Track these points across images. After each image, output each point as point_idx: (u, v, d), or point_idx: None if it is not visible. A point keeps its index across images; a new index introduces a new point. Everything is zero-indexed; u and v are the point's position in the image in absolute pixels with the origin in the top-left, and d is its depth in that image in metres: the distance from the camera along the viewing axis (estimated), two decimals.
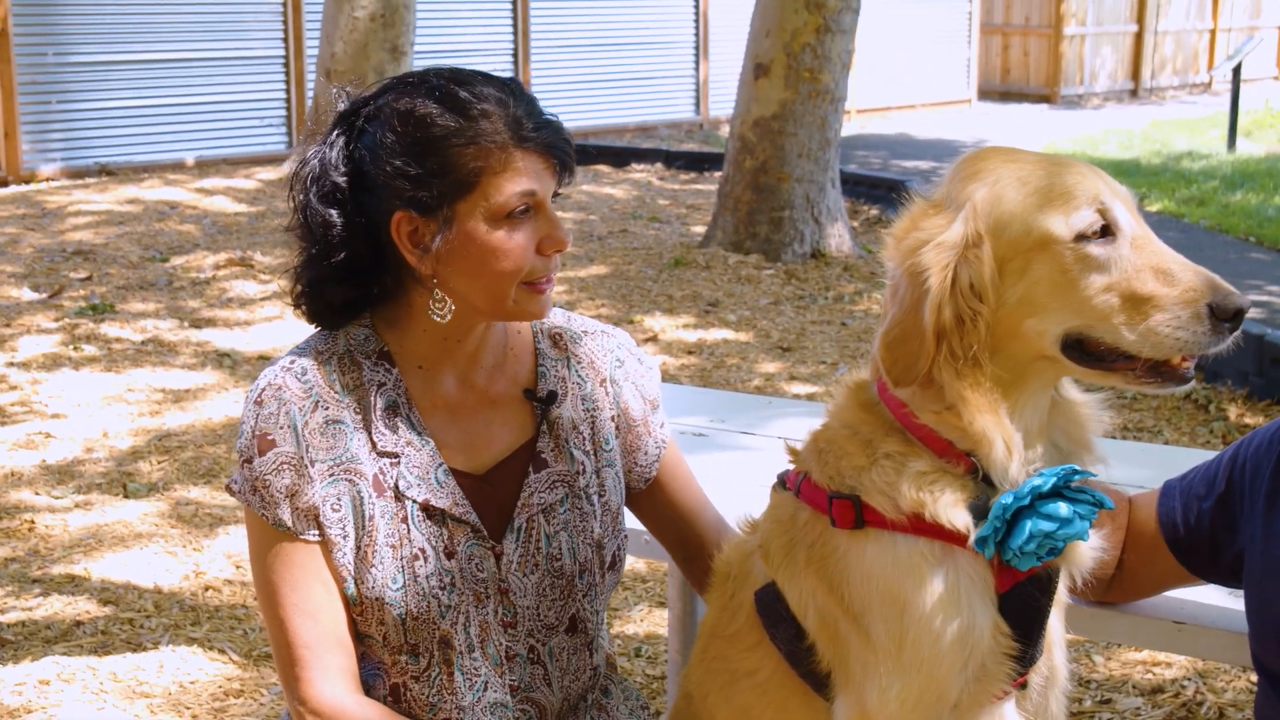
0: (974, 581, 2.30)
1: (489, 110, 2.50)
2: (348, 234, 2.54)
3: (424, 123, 2.49)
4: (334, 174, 2.55)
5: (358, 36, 12.77)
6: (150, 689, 4.89)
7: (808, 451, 2.48)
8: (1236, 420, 7.81)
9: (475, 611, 2.61)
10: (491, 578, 2.62)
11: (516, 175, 2.49)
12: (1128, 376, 2.28)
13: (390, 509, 2.56)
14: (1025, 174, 2.28)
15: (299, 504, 2.52)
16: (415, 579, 2.55)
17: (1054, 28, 27.15)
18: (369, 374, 2.59)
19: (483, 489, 2.64)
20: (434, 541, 2.58)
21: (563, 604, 2.69)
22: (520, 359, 2.75)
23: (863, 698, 2.32)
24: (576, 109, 20.44)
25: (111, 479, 6.89)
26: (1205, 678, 4.97)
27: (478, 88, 2.53)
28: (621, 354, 2.84)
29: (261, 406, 2.54)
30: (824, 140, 11.92)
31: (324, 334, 2.64)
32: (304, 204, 2.58)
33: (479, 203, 2.48)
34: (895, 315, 2.29)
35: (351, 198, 2.54)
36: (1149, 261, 2.23)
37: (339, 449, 2.54)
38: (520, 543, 2.64)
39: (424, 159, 2.48)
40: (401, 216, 2.50)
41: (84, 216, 13.27)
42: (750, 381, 8.62)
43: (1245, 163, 17.70)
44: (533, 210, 2.53)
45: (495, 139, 2.48)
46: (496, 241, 2.49)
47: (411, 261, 2.53)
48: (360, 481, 2.55)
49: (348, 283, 2.58)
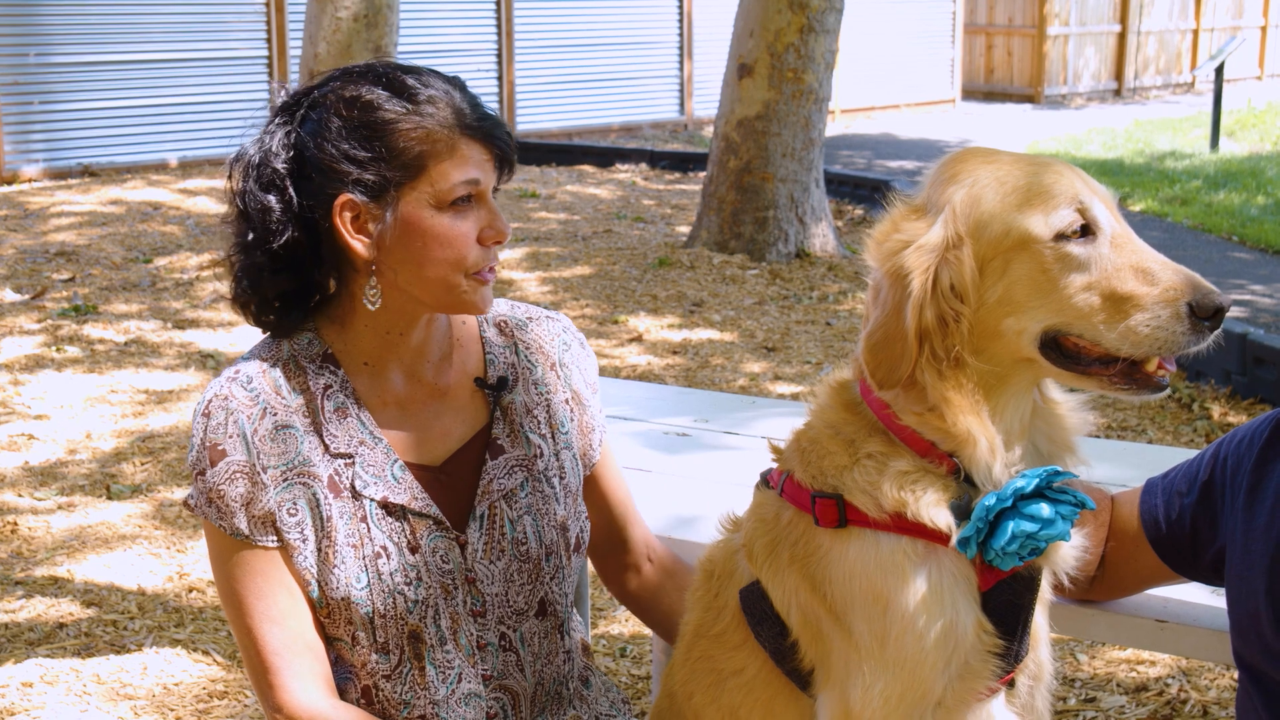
0: (957, 580, 2.31)
1: (435, 97, 2.53)
2: (286, 219, 2.54)
3: (370, 107, 2.51)
4: (274, 160, 2.55)
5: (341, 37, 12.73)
6: (134, 691, 4.89)
7: (791, 451, 2.49)
8: (1220, 419, 7.83)
9: (444, 604, 2.61)
10: (458, 568, 2.63)
11: (462, 162, 2.51)
12: (1103, 381, 2.29)
13: (349, 509, 2.57)
14: (1004, 175, 2.29)
15: (255, 511, 2.52)
16: (379, 577, 2.56)
17: (1037, 28, 27.21)
18: (314, 377, 2.60)
19: (441, 481, 2.66)
20: (395, 538, 2.59)
21: (531, 588, 2.69)
22: (467, 349, 2.76)
23: (846, 696, 2.33)
24: (561, 109, 20.46)
25: (95, 480, 6.88)
26: (1189, 676, 4.99)
27: (424, 77, 2.57)
28: (568, 338, 2.87)
29: (209, 418, 2.54)
30: (808, 140, 11.93)
31: (268, 342, 2.65)
32: (242, 191, 2.59)
33: (424, 188, 2.50)
34: (878, 318, 2.29)
35: (292, 183, 2.55)
36: (1129, 260, 2.23)
37: (290, 453, 2.55)
38: (484, 530, 2.65)
39: (370, 142, 2.50)
40: (345, 200, 2.51)
41: (67, 218, 13.25)
42: (735, 381, 8.62)
43: (1228, 162, 17.77)
44: (475, 200, 2.55)
45: (441, 125, 2.51)
46: (442, 228, 2.51)
47: (354, 248, 2.53)
48: (315, 484, 2.55)
49: (285, 273, 2.58)
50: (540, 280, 11.22)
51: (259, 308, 2.63)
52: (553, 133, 20.27)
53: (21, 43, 15.58)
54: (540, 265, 11.73)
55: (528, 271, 11.52)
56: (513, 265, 11.70)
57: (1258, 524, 2.50)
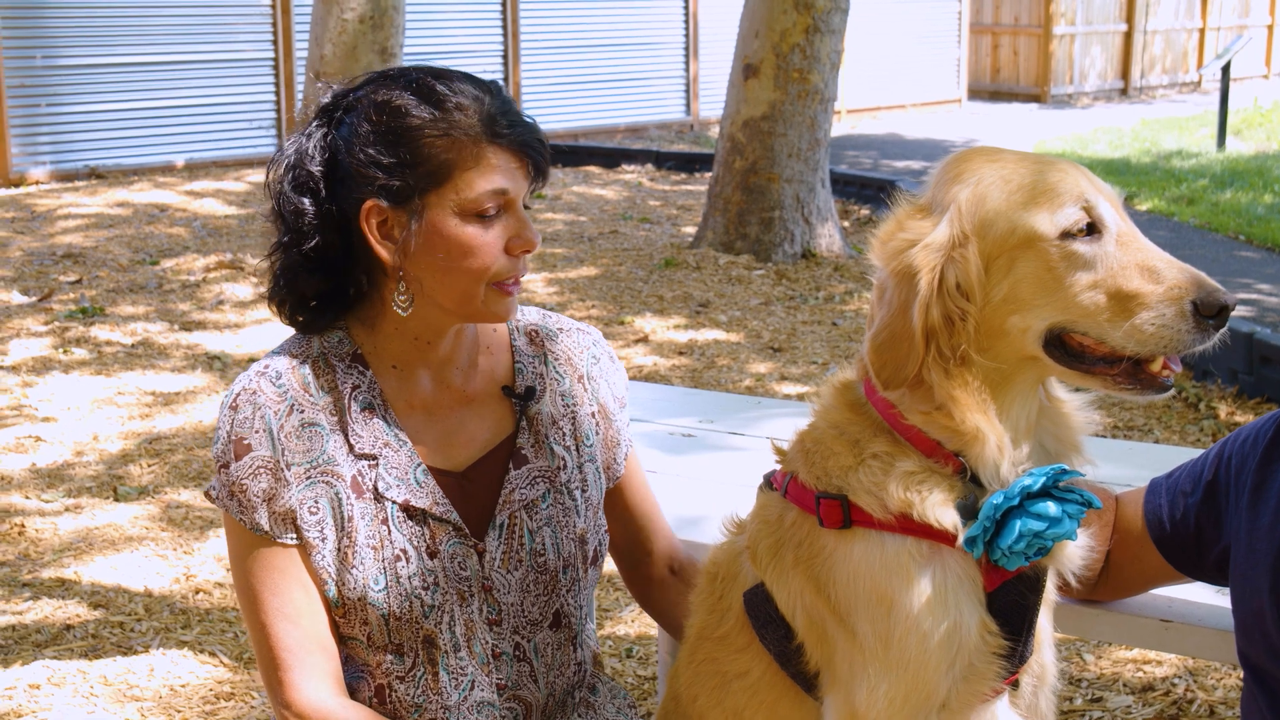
0: (962, 580, 2.30)
1: (464, 104, 2.51)
2: (319, 222, 2.55)
3: (399, 113, 2.51)
4: (309, 163, 2.56)
5: (347, 39, 12.75)
6: (141, 692, 4.89)
7: (794, 451, 2.48)
8: (1227, 418, 7.83)
9: (460, 610, 2.61)
10: (475, 576, 2.62)
11: (489, 171, 2.50)
12: (1106, 381, 2.28)
13: (370, 510, 2.57)
14: (1009, 173, 2.28)
15: (276, 508, 2.52)
16: (398, 579, 2.56)
17: (1043, 27, 27.18)
18: (343, 376, 2.60)
19: (463, 487, 2.65)
20: (415, 541, 2.58)
21: (546, 600, 2.69)
22: (496, 357, 2.75)
23: (851, 697, 2.32)
24: (567, 110, 20.46)
25: (102, 482, 6.89)
26: (1196, 675, 4.98)
27: (455, 83, 2.55)
28: (597, 351, 2.86)
29: (236, 411, 2.54)
30: (814, 140, 11.93)
31: (298, 338, 2.65)
32: (279, 192, 2.59)
33: (450, 196, 2.49)
34: (884, 318, 2.29)
35: (325, 187, 2.55)
36: (1134, 259, 2.23)
37: (315, 451, 2.55)
38: (503, 540, 2.65)
39: (396, 148, 2.49)
40: (371, 206, 2.51)
41: (73, 220, 13.27)
42: (741, 382, 8.62)
43: (1234, 161, 17.75)
44: (504, 209, 2.53)
45: (468, 132, 2.50)
46: (466, 237, 2.50)
47: (380, 254, 2.53)
48: (338, 483, 2.55)
49: (319, 274, 2.58)
50: (546, 281, 11.23)
51: (294, 307, 2.64)
52: (559, 134, 20.27)
53: (28, 45, 15.59)
54: (547, 266, 11.73)
55: (534, 273, 11.52)
56: None
57: (1262, 523, 2.50)
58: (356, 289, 2.62)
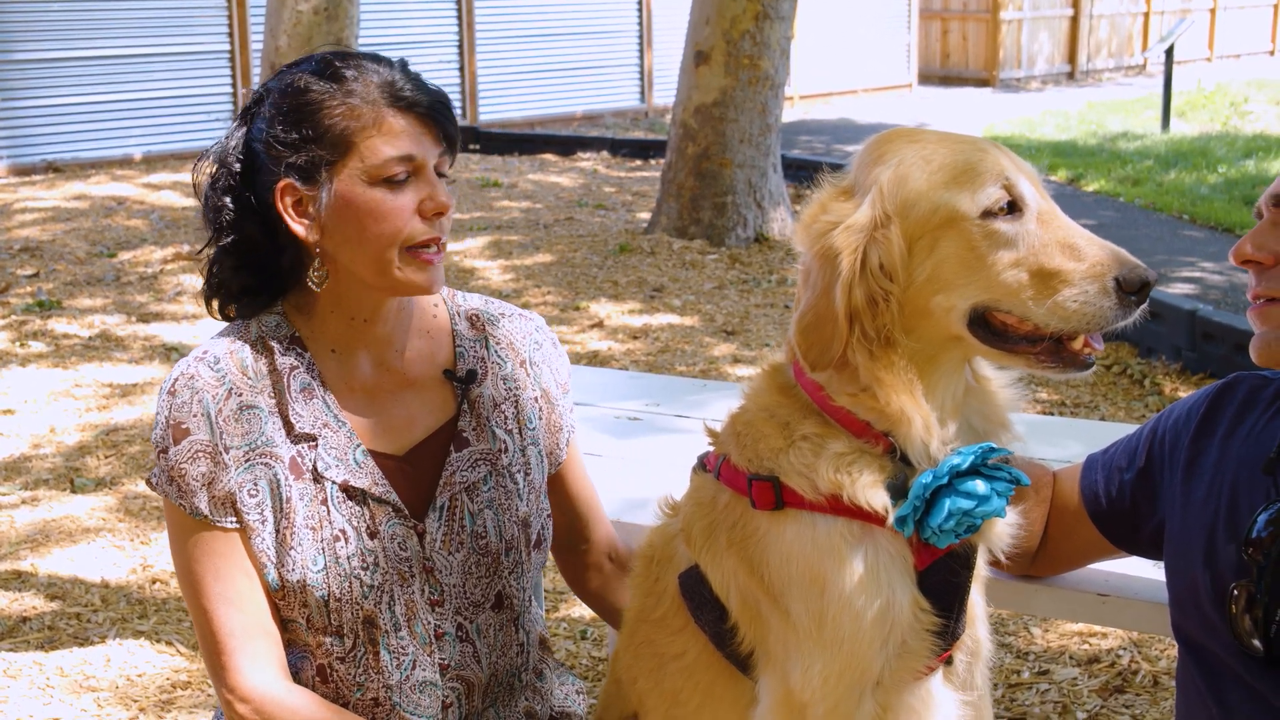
0: (893, 559, 2.32)
1: (364, 76, 2.54)
2: (238, 215, 2.58)
3: (300, 91, 2.54)
4: (230, 162, 2.60)
5: (301, 30, 12.71)
6: (97, 683, 4.91)
7: (726, 434, 2.48)
8: (1170, 394, 7.92)
9: (400, 590, 2.63)
10: (416, 557, 2.64)
11: (392, 136, 2.52)
12: (1029, 359, 2.28)
13: (309, 491, 2.59)
14: (930, 154, 2.28)
15: (216, 491, 2.54)
16: (336, 560, 2.58)
17: (992, 12, 27.29)
18: (281, 357, 2.61)
19: (404, 469, 2.67)
20: (355, 522, 2.60)
21: (489, 581, 2.71)
22: (437, 340, 2.77)
23: (785, 677, 2.34)
24: (523, 99, 20.46)
25: (59, 474, 6.89)
26: (1140, 647, 5.05)
27: (358, 60, 2.58)
28: (539, 337, 2.88)
29: (174, 396, 2.56)
30: (765, 126, 11.97)
31: (237, 324, 2.67)
32: (205, 193, 2.63)
33: (355, 165, 2.52)
34: (808, 300, 2.29)
35: (242, 181, 2.58)
36: (1055, 237, 2.23)
37: (254, 434, 2.57)
38: (443, 521, 2.67)
39: (299, 124, 2.52)
40: (285, 185, 2.54)
41: (31, 214, 13.21)
42: (696, 365, 8.66)
43: (1179, 142, 17.96)
44: (414, 175, 2.55)
45: (367, 99, 2.52)
46: (375, 202, 2.52)
47: (297, 232, 2.55)
48: (276, 465, 2.57)
49: (245, 269, 2.61)
50: (502, 268, 11.24)
51: (223, 301, 2.67)
52: (515, 122, 20.26)
53: None
54: (502, 254, 11.74)
55: (490, 260, 11.53)
56: (475, 254, 11.71)
57: (1195, 498, 2.54)
58: (284, 276, 2.64)
